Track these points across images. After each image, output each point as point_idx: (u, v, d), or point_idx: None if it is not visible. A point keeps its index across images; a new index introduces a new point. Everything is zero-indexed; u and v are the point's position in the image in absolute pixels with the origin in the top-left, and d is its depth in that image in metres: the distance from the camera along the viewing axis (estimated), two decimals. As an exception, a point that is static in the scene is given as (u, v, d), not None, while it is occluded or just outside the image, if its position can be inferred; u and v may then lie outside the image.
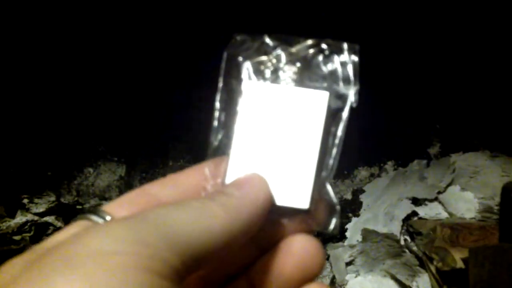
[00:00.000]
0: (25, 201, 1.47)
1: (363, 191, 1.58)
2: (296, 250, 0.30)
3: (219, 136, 0.32)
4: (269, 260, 0.30)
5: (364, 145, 1.59)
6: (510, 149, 1.42)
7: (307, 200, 0.30)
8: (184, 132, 1.55)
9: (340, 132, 0.31)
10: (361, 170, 1.63)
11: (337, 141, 0.31)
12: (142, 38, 1.50)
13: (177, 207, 0.25)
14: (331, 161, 0.31)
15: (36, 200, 1.48)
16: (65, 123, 1.55)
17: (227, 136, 0.31)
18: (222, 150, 0.31)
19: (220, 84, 0.31)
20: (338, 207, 0.30)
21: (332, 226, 0.31)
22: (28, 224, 1.46)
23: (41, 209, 1.48)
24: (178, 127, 1.56)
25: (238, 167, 0.30)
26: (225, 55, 0.32)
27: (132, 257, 0.21)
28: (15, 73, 1.47)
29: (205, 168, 0.31)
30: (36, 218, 1.47)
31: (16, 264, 0.24)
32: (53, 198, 1.50)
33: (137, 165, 1.61)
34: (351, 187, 1.60)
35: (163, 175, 1.60)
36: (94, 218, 0.28)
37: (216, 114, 0.32)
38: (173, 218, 0.24)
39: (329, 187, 0.31)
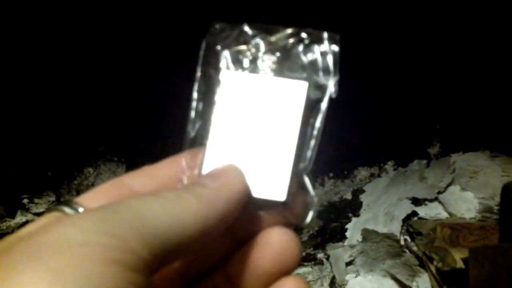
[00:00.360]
0: (25, 201, 1.47)
1: (363, 191, 1.58)
2: (273, 243, 0.29)
3: (196, 127, 0.31)
4: (246, 253, 0.30)
5: (364, 145, 1.58)
6: (510, 149, 1.42)
7: (284, 192, 0.30)
8: (184, 131, 1.55)
9: (318, 123, 0.30)
10: (361, 170, 1.62)
11: (315, 132, 0.30)
12: (139, 38, 1.50)
13: (149, 198, 0.25)
14: (309, 153, 0.30)
15: (36, 200, 1.49)
16: (65, 124, 1.55)
17: (205, 127, 0.31)
18: (199, 141, 0.31)
19: (198, 74, 0.31)
20: (315, 200, 0.30)
21: (309, 219, 0.30)
22: (28, 224, 1.46)
23: (41, 209, 1.48)
24: (178, 126, 1.56)
25: (215, 158, 0.30)
26: (203, 44, 0.31)
27: (99, 249, 0.21)
28: (15, 74, 1.48)
29: (181, 159, 0.31)
30: (36, 218, 1.47)
31: None
32: (53, 198, 1.50)
33: (137, 165, 1.61)
34: (351, 187, 1.60)
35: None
36: (66, 209, 0.27)
37: (194, 104, 0.31)
38: (144, 209, 0.24)
39: (306, 180, 0.30)
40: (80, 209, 0.28)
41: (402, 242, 1.37)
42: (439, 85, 1.54)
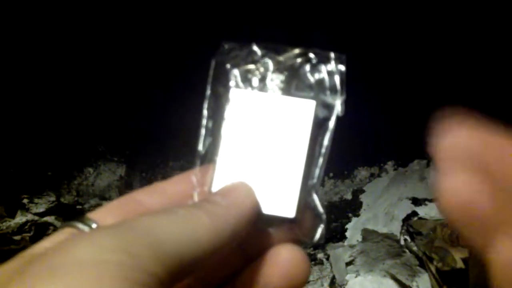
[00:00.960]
0: (25, 201, 1.47)
1: (363, 191, 1.58)
2: (282, 260, 0.30)
3: (206, 144, 0.32)
4: (255, 270, 0.30)
5: (364, 145, 1.58)
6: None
7: (293, 209, 0.30)
8: (184, 131, 1.55)
9: (326, 141, 0.31)
10: (361, 170, 1.62)
11: (323, 150, 0.31)
12: (140, 40, 1.50)
13: (162, 215, 0.25)
14: (317, 171, 0.31)
15: (36, 200, 1.48)
16: (65, 123, 1.55)
17: (214, 144, 0.31)
18: (209, 158, 0.31)
19: (208, 92, 0.31)
20: (324, 217, 0.30)
21: (318, 236, 0.31)
22: (28, 224, 1.46)
23: (41, 209, 1.48)
24: (177, 126, 1.56)
25: (225, 175, 0.30)
26: (213, 62, 0.32)
27: (115, 267, 0.21)
28: (15, 74, 1.47)
29: (192, 176, 0.31)
30: (36, 218, 1.47)
31: (0, 272, 0.24)
32: (53, 198, 1.50)
33: (137, 165, 1.61)
34: (351, 187, 1.60)
35: (163, 175, 1.59)
36: (80, 226, 0.28)
37: (204, 121, 0.32)
38: (158, 227, 0.24)
39: (315, 197, 0.31)
40: (94, 225, 0.28)
41: (402, 242, 1.37)
42: (439, 86, 1.54)
